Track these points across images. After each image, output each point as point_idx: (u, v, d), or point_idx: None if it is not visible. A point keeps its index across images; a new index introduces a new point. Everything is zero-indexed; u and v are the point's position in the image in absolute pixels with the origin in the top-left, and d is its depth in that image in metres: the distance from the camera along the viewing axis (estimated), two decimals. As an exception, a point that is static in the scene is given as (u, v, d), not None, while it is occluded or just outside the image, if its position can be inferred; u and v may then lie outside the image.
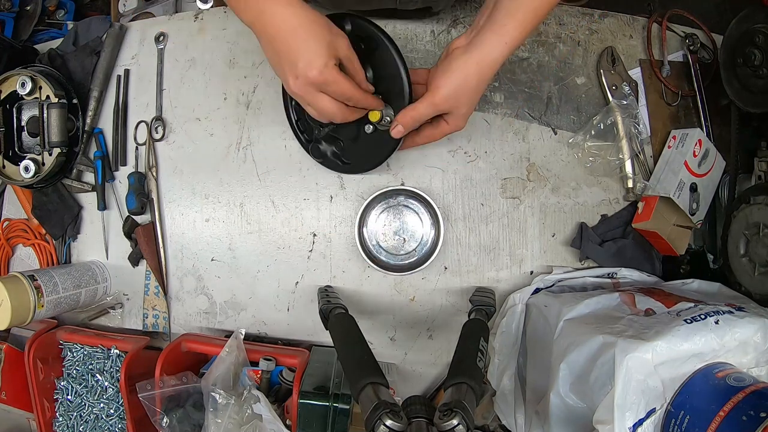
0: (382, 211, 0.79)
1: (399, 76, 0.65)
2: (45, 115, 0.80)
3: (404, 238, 0.79)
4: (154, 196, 0.85)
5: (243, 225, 0.84)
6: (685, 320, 0.57)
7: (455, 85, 0.58)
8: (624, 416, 0.52)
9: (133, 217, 0.85)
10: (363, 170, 0.78)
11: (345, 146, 0.74)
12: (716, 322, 0.56)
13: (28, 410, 0.83)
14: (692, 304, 0.62)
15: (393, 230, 0.79)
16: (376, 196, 0.78)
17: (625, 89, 0.80)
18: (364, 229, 0.79)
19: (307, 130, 0.77)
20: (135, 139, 0.87)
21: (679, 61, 0.84)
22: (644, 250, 0.79)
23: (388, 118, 0.65)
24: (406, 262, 0.79)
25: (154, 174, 0.86)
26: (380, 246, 0.79)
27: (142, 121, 0.87)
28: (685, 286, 0.74)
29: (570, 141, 0.81)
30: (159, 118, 0.86)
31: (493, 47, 0.56)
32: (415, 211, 0.79)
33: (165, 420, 0.72)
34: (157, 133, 0.86)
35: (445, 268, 0.81)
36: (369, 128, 0.69)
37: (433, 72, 0.62)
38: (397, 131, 0.64)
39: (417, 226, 0.79)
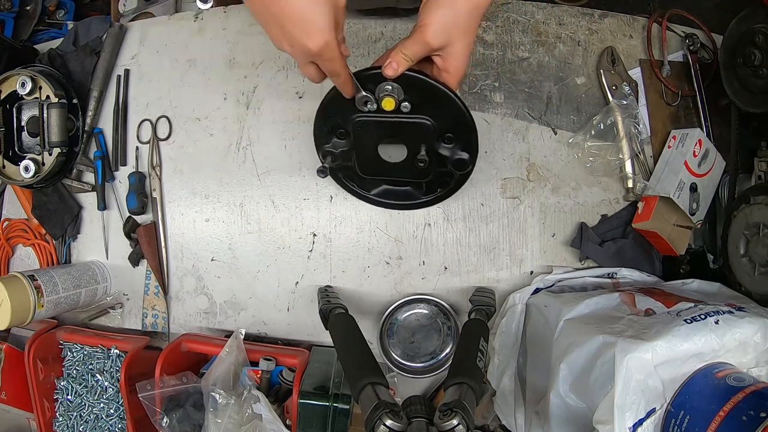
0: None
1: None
2: (45, 115, 0.80)
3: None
4: (157, 195, 0.85)
5: (243, 225, 0.84)
6: (685, 320, 0.57)
7: (444, 19, 0.53)
8: (624, 416, 0.52)
9: (134, 217, 0.85)
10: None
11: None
12: (716, 322, 0.56)
13: (28, 410, 0.83)
14: (692, 304, 0.62)
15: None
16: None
17: (625, 89, 0.80)
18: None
19: (356, 180, 0.77)
20: (138, 138, 0.87)
21: (679, 61, 0.84)
22: (644, 250, 0.79)
23: (408, 104, 0.61)
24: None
25: (158, 173, 0.86)
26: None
27: (146, 120, 0.87)
28: (685, 286, 0.74)
29: (570, 141, 0.80)
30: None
31: None
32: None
33: (165, 420, 0.72)
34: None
35: (445, 268, 0.81)
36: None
37: (420, 11, 0.57)
38: (390, 68, 0.57)
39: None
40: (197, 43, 0.86)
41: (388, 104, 0.60)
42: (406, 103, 0.61)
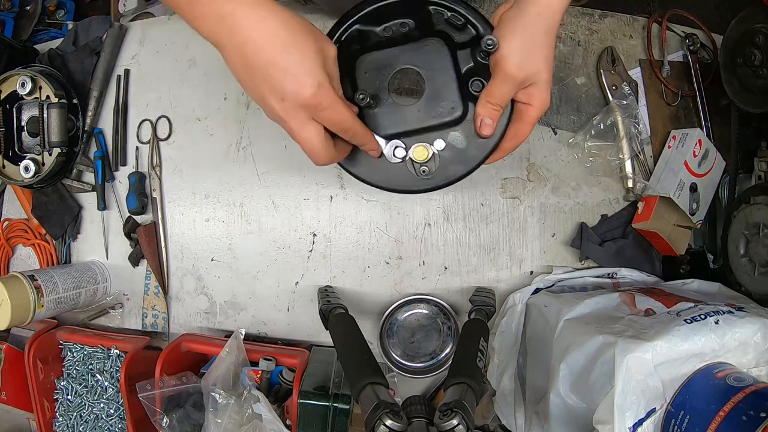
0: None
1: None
2: (45, 115, 0.80)
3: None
4: (156, 195, 0.85)
5: (243, 225, 0.84)
6: (685, 320, 0.57)
7: (523, 46, 0.48)
8: (624, 416, 0.52)
9: (134, 217, 0.85)
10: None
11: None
12: (716, 322, 0.56)
13: (28, 410, 0.83)
14: (692, 304, 0.62)
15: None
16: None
17: (625, 89, 0.80)
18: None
19: None
20: (138, 138, 0.87)
21: (679, 61, 0.84)
22: (644, 250, 0.79)
23: (439, 149, 0.54)
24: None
25: (158, 173, 0.86)
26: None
27: (146, 120, 0.87)
28: (685, 286, 0.74)
29: (570, 141, 0.80)
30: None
31: None
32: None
33: (165, 420, 0.72)
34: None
35: (445, 268, 0.81)
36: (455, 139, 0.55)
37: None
38: (485, 126, 0.52)
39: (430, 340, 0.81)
40: (197, 43, 0.86)
41: (420, 154, 0.54)
42: (440, 141, 0.55)
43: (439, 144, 0.55)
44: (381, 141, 0.55)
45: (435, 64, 0.55)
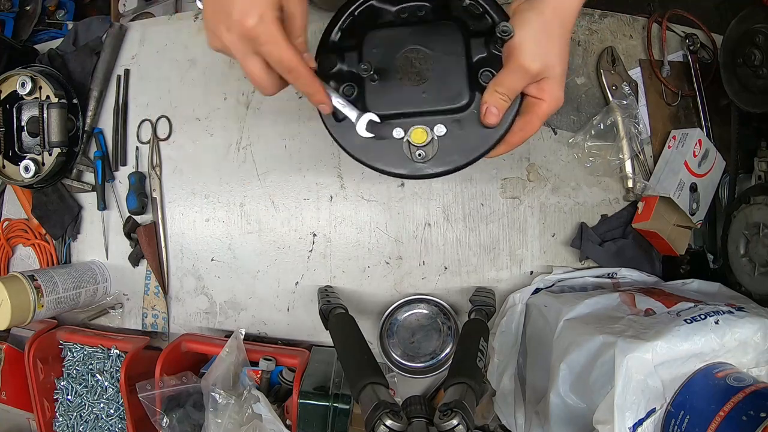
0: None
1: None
2: (45, 115, 0.80)
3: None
4: (156, 195, 0.85)
5: (243, 225, 0.84)
6: (685, 320, 0.57)
7: (538, 37, 0.47)
8: (624, 416, 0.52)
9: (134, 217, 0.85)
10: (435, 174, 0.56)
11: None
12: (716, 322, 0.56)
13: (28, 410, 0.83)
14: (692, 304, 0.62)
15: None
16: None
17: (625, 89, 0.80)
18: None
19: None
20: (138, 138, 0.87)
21: (679, 61, 0.84)
22: (644, 250, 0.79)
23: (439, 134, 0.53)
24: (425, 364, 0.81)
25: (158, 173, 0.86)
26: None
27: (146, 120, 0.87)
28: (685, 286, 0.74)
29: (570, 141, 0.80)
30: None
31: None
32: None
33: (165, 420, 0.72)
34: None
35: (445, 268, 0.81)
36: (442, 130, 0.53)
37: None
38: (491, 114, 0.50)
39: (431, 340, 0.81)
40: (197, 43, 0.86)
41: (419, 137, 0.53)
42: (441, 126, 0.53)
43: (440, 129, 0.53)
44: (346, 105, 0.52)
45: (446, 48, 0.54)
